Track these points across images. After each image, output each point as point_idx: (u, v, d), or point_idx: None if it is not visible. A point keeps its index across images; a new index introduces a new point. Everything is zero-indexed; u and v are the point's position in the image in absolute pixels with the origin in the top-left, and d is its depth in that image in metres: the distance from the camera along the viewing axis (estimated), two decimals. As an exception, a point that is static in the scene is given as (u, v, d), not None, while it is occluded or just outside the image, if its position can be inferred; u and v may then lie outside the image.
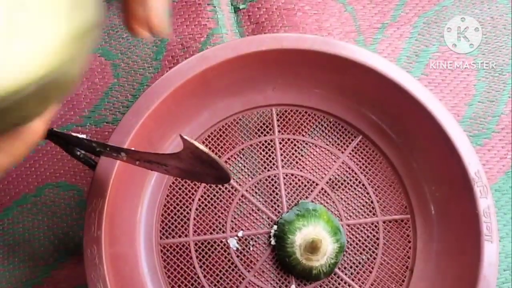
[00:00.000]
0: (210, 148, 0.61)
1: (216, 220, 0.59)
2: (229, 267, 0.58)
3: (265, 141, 0.61)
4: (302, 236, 0.56)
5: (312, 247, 0.54)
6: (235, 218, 0.59)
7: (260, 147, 0.61)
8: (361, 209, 0.60)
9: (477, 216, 0.52)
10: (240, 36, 0.68)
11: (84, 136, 0.47)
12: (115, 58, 0.68)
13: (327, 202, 0.60)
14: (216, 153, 0.61)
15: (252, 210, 0.59)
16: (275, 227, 0.58)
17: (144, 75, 0.67)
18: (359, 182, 0.61)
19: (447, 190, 0.57)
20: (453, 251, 0.55)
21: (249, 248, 0.58)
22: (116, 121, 0.64)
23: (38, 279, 0.58)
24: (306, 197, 0.59)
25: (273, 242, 0.58)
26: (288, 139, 0.62)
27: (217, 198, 0.60)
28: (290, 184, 0.60)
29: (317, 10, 0.70)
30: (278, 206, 0.59)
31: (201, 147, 0.33)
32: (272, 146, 0.61)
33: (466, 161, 0.53)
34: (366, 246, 0.59)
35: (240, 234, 0.58)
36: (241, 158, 0.61)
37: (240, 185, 0.60)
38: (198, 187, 0.60)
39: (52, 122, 0.63)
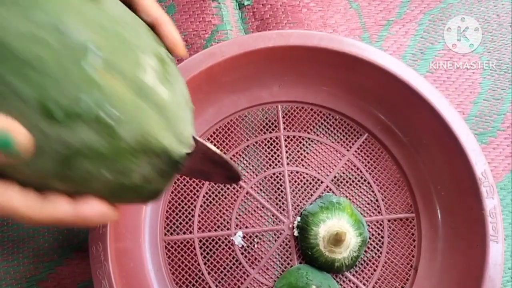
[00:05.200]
0: (215, 144, 0.61)
1: (221, 217, 0.59)
2: (234, 264, 0.58)
3: (270, 138, 0.61)
4: (326, 228, 0.55)
5: (336, 240, 0.54)
6: (240, 215, 0.59)
7: (265, 144, 0.61)
8: (366, 207, 0.60)
9: (483, 216, 0.52)
10: (245, 33, 0.68)
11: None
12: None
13: (332, 200, 0.60)
14: (221, 150, 0.61)
15: (257, 207, 0.59)
16: (298, 218, 0.58)
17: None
18: (365, 180, 0.61)
19: (453, 189, 0.56)
20: (458, 251, 0.55)
21: (253, 246, 0.58)
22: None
23: (42, 275, 0.58)
24: (311, 195, 0.59)
25: (296, 233, 0.58)
26: (294, 136, 0.61)
27: (222, 195, 0.60)
28: (295, 181, 0.60)
29: (322, 7, 0.70)
30: (283, 203, 0.59)
31: (213, 148, 0.33)
32: (277, 143, 0.61)
33: (473, 161, 0.53)
34: (370, 244, 0.59)
35: (245, 231, 0.58)
36: (246, 155, 0.61)
37: (245, 182, 0.60)
38: (203, 184, 0.59)
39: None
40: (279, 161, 0.61)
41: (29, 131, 0.27)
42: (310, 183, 0.60)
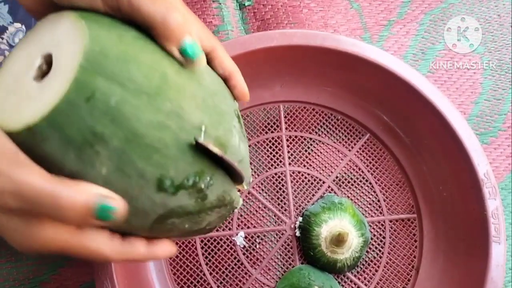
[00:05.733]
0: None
1: (223, 217, 0.59)
2: (235, 264, 0.58)
3: (272, 138, 0.61)
4: (328, 229, 0.55)
5: (338, 240, 0.54)
6: (241, 215, 0.59)
7: (267, 144, 0.61)
8: (367, 207, 0.60)
9: (485, 217, 0.52)
10: (246, 33, 0.68)
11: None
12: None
13: (333, 200, 0.60)
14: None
15: (259, 207, 0.59)
16: (300, 218, 0.58)
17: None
18: (366, 181, 0.61)
19: (455, 190, 0.57)
20: (460, 252, 0.55)
21: (255, 246, 0.58)
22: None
23: (45, 276, 0.57)
24: (313, 195, 0.59)
25: (297, 234, 0.58)
26: (295, 136, 0.61)
27: (224, 196, 0.59)
28: (297, 181, 0.60)
29: (322, 7, 0.70)
30: (285, 204, 0.59)
31: (216, 150, 0.33)
32: (279, 143, 0.61)
33: (475, 162, 0.53)
34: (372, 244, 0.59)
35: (246, 231, 0.58)
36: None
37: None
38: (204, 185, 0.59)
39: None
40: (281, 161, 0.60)
41: (139, 198, 0.31)
42: (312, 184, 0.60)
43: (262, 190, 0.60)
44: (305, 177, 0.60)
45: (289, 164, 0.60)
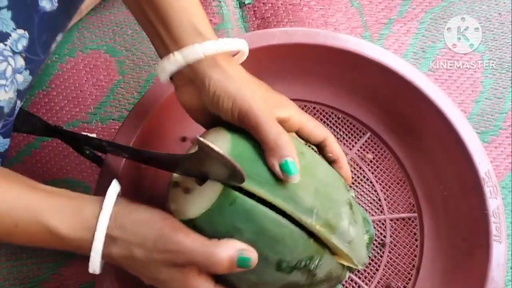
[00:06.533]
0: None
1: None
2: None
3: (272, 138, 0.61)
4: None
5: None
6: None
7: (267, 144, 0.61)
8: (368, 206, 0.60)
9: (486, 216, 0.52)
10: (246, 32, 0.67)
11: (94, 135, 0.47)
12: (120, 55, 0.67)
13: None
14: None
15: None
16: None
17: (149, 71, 0.66)
18: (367, 180, 0.60)
19: (456, 189, 0.56)
20: (461, 251, 0.55)
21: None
22: (122, 118, 0.63)
23: (45, 276, 0.57)
24: (314, 195, 0.59)
25: None
26: (296, 136, 0.61)
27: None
28: (298, 181, 0.60)
29: (323, 5, 0.70)
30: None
31: (218, 149, 0.33)
32: (279, 143, 0.61)
33: (477, 161, 0.53)
34: (372, 243, 0.59)
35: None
36: (248, 154, 0.61)
37: (247, 182, 0.60)
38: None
39: (58, 119, 0.63)
40: (281, 161, 0.60)
41: (263, 274, 0.41)
42: (312, 183, 0.60)
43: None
44: (306, 176, 0.60)
45: (290, 163, 0.60)
